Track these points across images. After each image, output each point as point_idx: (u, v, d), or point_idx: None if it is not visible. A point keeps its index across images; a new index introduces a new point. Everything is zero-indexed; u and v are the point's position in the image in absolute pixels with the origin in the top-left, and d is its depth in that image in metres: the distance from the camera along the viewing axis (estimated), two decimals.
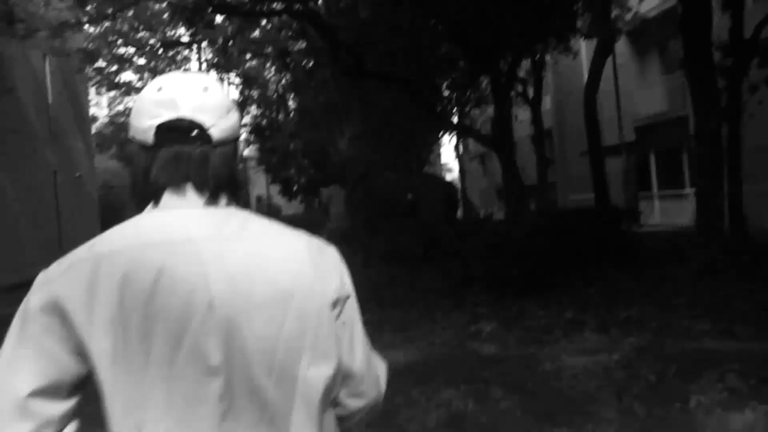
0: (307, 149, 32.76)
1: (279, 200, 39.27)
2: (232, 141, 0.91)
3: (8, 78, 12.64)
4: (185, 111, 0.86)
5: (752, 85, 8.15)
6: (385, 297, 7.09)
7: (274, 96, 31.72)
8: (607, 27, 11.64)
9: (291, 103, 32.57)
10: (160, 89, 0.87)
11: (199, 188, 0.87)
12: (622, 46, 18.48)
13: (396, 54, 10.48)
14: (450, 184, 9.14)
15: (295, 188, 36.36)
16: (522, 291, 6.38)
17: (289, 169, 34.36)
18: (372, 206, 8.65)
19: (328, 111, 21.69)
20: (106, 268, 0.78)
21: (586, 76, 22.13)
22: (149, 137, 0.86)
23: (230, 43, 16.54)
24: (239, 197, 0.92)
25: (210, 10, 10.00)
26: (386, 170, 9.93)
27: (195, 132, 0.86)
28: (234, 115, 0.91)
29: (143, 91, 0.90)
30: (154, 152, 0.86)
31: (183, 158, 0.86)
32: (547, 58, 14.83)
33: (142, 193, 0.88)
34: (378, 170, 9.14)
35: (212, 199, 0.87)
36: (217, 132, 0.87)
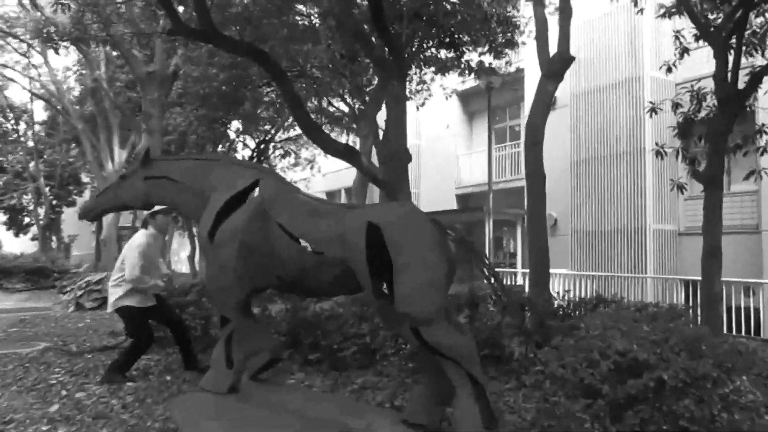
0: (54, 172, 25.34)
1: (3, 234, 30.21)
2: None
3: None
4: None
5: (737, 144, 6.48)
6: None
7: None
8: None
9: (40, 111, 25.16)
10: None
11: None
12: (454, 106, 17.25)
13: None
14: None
15: (27, 220, 28.03)
16: None
17: (22, 196, 26.12)
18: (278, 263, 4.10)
19: (92, 122, 16.30)
20: None
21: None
22: None
23: None
24: None
25: None
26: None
27: None
28: None
29: None
30: None
31: None
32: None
33: None
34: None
35: None
36: None
